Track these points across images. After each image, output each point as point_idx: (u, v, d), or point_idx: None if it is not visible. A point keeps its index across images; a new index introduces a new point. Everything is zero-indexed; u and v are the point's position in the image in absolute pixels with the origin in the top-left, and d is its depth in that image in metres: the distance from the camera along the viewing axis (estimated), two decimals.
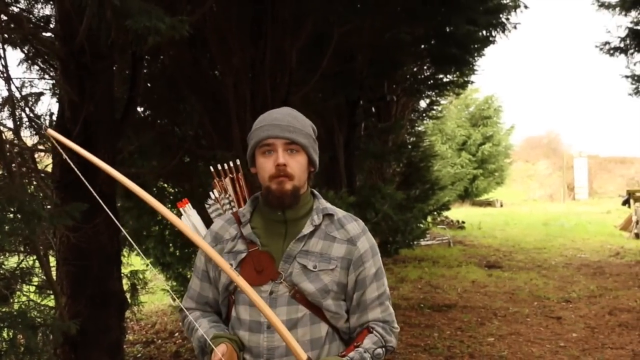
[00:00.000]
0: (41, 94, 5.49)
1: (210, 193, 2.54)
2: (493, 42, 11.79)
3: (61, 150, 2.20)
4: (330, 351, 2.15)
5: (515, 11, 10.85)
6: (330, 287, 2.13)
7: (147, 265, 6.66)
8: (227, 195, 2.53)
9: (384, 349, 2.15)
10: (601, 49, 13.66)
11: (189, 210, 2.50)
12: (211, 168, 2.54)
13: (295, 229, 2.17)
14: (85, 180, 2.23)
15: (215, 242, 2.25)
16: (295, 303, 2.10)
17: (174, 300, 8.72)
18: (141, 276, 6.86)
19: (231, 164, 2.52)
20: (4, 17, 4.74)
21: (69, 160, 2.22)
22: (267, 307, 1.96)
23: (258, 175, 2.18)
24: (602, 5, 13.27)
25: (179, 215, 2.48)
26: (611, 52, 13.61)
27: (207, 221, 2.45)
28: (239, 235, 2.21)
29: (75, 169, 2.21)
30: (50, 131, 2.25)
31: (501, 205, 34.69)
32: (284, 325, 1.95)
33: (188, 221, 2.47)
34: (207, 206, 2.53)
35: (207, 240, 2.24)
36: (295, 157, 2.11)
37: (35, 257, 4.87)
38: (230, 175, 2.52)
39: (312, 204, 2.24)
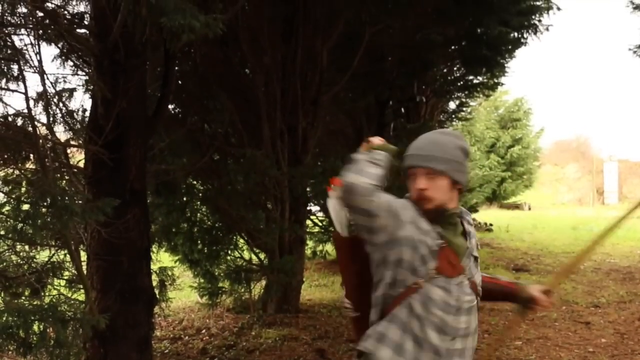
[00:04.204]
0: (74, 89, 5.54)
1: None
2: (524, 43, 11.69)
3: None
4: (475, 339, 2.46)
5: (547, 13, 10.75)
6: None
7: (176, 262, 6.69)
8: None
9: None
10: (635, 52, 13.45)
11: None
12: None
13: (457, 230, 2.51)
14: None
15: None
16: (474, 293, 2.44)
17: (201, 297, 8.77)
18: (170, 273, 6.90)
19: None
20: (40, 13, 4.79)
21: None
22: None
23: None
24: (637, 7, 13.06)
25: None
26: None
27: None
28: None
29: None
30: None
31: (529, 209, 34.44)
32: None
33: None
34: None
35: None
36: (435, 182, 2.41)
37: (66, 251, 4.92)
38: None
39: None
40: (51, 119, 5.01)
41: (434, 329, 2.29)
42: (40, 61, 4.56)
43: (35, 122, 4.58)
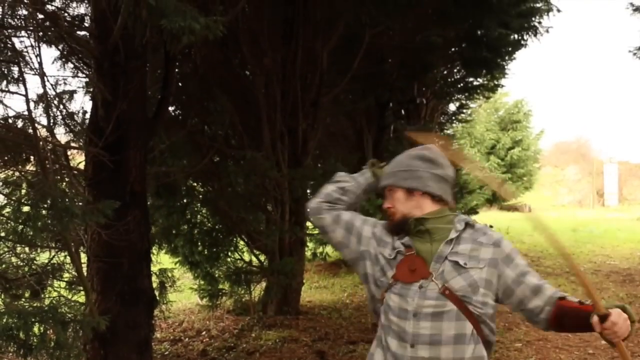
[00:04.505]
0: (75, 92, 5.54)
1: None
2: (524, 45, 11.70)
3: None
4: (475, 352, 2.30)
5: (547, 15, 10.76)
6: (480, 283, 2.34)
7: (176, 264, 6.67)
8: None
9: None
10: (635, 54, 13.42)
11: None
12: None
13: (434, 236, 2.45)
14: None
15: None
16: (444, 298, 2.30)
17: (201, 299, 8.77)
18: (170, 274, 6.90)
19: None
20: (40, 15, 4.79)
21: None
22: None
23: None
24: (637, 9, 13.05)
25: None
26: None
27: None
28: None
29: None
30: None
31: (529, 210, 34.39)
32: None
33: None
34: None
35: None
36: (393, 196, 2.52)
37: (66, 253, 4.92)
38: None
39: (450, 217, 2.50)
40: (51, 121, 5.01)
41: (394, 336, 2.33)
42: (40, 63, 4.55)
43: (36, 124, 4.57)
